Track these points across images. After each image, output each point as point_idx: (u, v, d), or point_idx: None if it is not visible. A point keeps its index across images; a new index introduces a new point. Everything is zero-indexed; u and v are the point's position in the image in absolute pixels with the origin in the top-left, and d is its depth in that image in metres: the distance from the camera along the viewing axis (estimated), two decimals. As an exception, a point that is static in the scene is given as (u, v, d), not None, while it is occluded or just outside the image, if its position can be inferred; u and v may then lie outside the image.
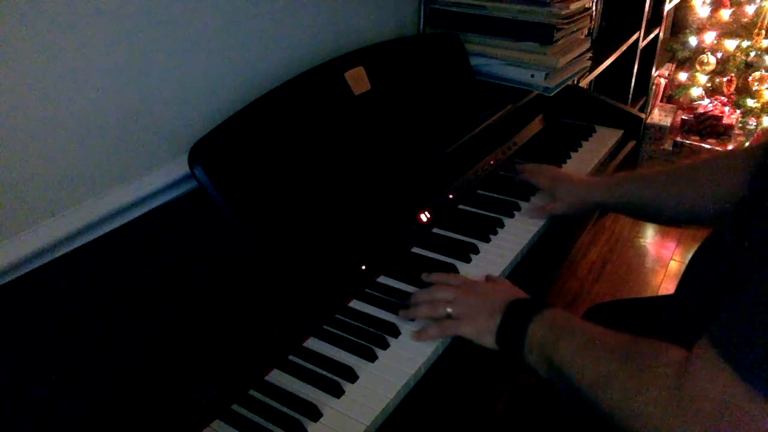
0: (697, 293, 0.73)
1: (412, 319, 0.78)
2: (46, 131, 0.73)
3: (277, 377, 0.71)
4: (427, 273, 0.84)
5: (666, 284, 2.04)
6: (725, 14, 2.59)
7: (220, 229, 0.79)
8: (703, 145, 2.70)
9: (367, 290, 0.84)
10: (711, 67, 2.66)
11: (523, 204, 1.04)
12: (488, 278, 0.85)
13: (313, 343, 0.76)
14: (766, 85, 2.51)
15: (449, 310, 0.76)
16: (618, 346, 0.63)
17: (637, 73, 2.26)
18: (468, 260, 0.89)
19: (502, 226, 0.98)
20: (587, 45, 1.36)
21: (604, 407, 0.60)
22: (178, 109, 0.88)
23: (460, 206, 1.04)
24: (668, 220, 0.95)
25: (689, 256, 0.78)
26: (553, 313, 0.71)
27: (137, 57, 0.80)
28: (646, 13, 2.09)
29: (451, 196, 1.04)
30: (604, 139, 1.33)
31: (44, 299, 0.70)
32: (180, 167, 0.85)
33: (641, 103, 2.57)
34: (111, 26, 0.76)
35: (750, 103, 2.58)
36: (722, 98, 2.74)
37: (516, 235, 0.96)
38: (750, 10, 2.51)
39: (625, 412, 0.58)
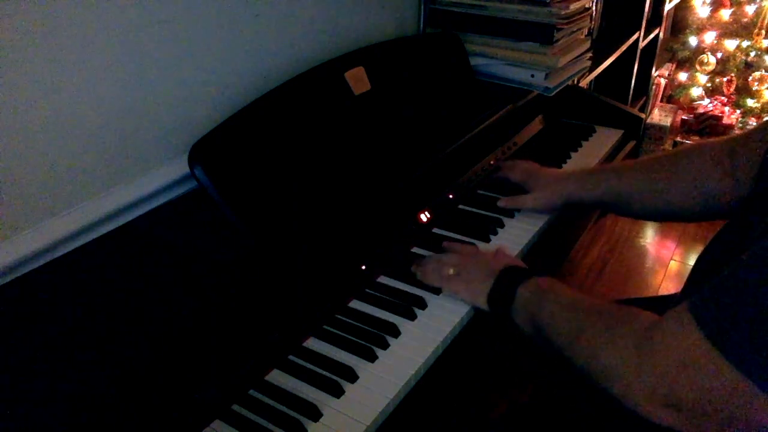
0: None
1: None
2: (46, 131, 0.73)
3: (277, 377, 0.71)
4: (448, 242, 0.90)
5: (666, 284, 2.04)
6: (725, 14, 2.59)
7: (220, 229, 0.79)
8: (703, 145, 2.70)
9: (367, 290, 0.84)
10: (711, 67, 2.66)
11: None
12: (498, 250, 0.87)
13: (313, 343, 0.76)
14: (766, 85, 2.51)
15: (451, 271, 0.81)
16: (596, 307, 0.67)
17: (637, 73, 2.26)
18: (468, 260, 0.89)
19: (502, 226, 0.98)
20: (587, 45, 1.36)
21: (577, 361, 0.64)
22: (178, 109, 0.88)
23: (460, 206, 1.04)
24: (648, 215, 0.92)
25: (689, 256, 0.78)
26: (542, 279, 0.75)
27: (137, 56, 0.80)
28: (646, 13, 2.09)
29: (451, 196, 1.03)
30: (604, 139, 1.32)
31: (44, 299, 0.70)
32: (180, 167, 0.85)
33: (641, 103, 2.57)
34: (111, 25, 0.76)
35: (750, 103, 2.58)
36: (722, 98, 2.74)
37: (516, 235, 0.96)
38: (750, 10, 2.51)
39: (593, 365, 0.62)
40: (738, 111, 2.67)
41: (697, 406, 0.54)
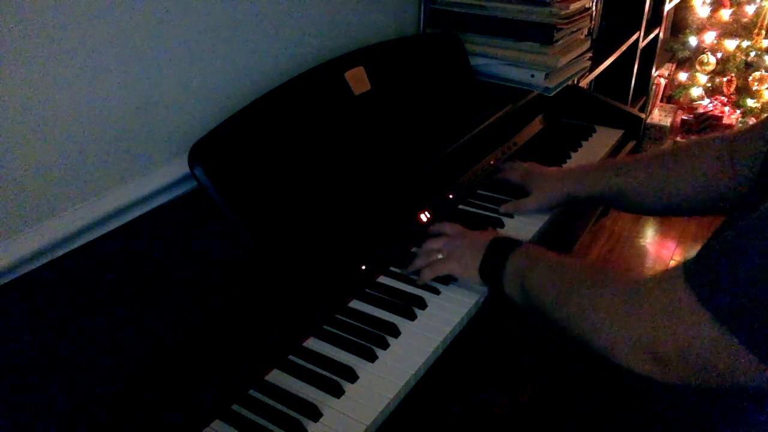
0: None
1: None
2: (47, 131, 0.73)
3: (277, 377, 0.71)
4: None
5: (666, 284, 2.04)
6: (725, 14, 2.59)
7: (220, 229, 0.79)
8: (703, 145, 2.70)
9: (367, 290, 0.84)
10: (711, 67, 2.66)
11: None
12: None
13: (313, 343, 0.76)
14: (766, 85, 2.51)
15: (440, 256, 0.83)
16: (586, 267, 0.68)
17: (637, 73, 2.26)
18: (468, 260, 0.89)
19: (502, 225, 0.98)
20: (587, 45, 1.36)
21: (565, 321, 0.65)
22: (178, 109, 0.88)
23: (460, 206, 1.04)
24: (649, 210, 0.93)
25: (689, 255, 0.78)
26: (531, 247, 0.77)
27: (137, 56, 0.80)
28: (646, 13, 2.09)
29: (451, 196, 1.03)
30: (604, 139, 1.33)
31: (44, 299, 0.70)
32: (180, 167, 0.85)
33: (641, 103, 2.57)
34: (111, 25, 0.76)
35: (750, 103, 2.58)
36: (722, 98, 2.73)
37: (516, 235, 0.96)
38: (750, 10, 2.51)
39: (581, 321, 0.63)
40: (738, 111, 2.67)
41: (677, 357, 0.55)
